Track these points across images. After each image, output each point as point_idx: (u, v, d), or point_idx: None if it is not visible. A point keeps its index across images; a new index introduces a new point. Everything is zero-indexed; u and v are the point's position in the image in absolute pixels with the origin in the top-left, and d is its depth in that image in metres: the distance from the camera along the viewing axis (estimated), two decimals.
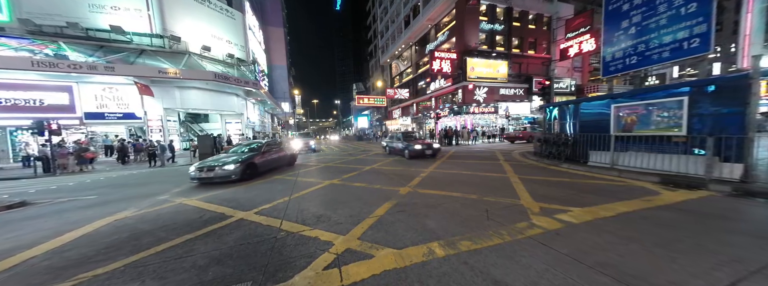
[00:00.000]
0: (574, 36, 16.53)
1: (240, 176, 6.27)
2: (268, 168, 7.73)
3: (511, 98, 23.18)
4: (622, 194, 4.09)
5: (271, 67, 35.14)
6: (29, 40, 13.69)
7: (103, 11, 15.32)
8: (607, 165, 6.04)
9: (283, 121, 41.39)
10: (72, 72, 13.14)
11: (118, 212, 4.22)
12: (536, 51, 24.37)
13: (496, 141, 19.32)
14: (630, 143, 5.81)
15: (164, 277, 2.17)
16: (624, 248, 2.34)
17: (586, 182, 5.08)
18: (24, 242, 3.11)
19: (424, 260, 2.26)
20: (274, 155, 8.21)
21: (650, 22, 7.31)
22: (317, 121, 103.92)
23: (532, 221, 3.06)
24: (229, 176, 6.12)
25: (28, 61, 12.44)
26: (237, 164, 6.32)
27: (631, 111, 5.75)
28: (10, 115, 13.25)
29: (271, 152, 8.03)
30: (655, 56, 7.33)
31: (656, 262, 2.10)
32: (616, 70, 8.50)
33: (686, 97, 4.81)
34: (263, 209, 4.09)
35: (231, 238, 2.96)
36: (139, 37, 16.03)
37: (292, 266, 2.26)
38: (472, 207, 3.71)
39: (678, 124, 4.95)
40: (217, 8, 20.41)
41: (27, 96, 13.59)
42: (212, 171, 6.08)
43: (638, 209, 3.39)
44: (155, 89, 15.22)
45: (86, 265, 2.45)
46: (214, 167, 6.13)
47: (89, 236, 3.24)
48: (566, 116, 7.98)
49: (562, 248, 2.38)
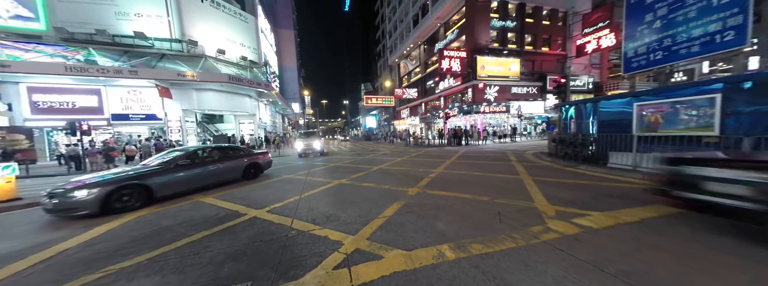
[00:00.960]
0: (592, 31, 15.76)
1: (99, 209, 4.00)
2: (191, 187, 5.37)
3: (523, 97, 22.47)
4: (646, 198, 3.86)
5: (282, 68, 35.98)
6: (63, 47, 14.77)
7: (128, 18, 16.25)
8: (629, 167, 5.71)
9: (294, 121, 42.27)
10: (100, 76, 14.05)
11: (141, 209, 4.45)
12: (551, 48, 23.48)
13: (507, 141, 18.79)
14: (654, 143, 5.47)
15: (184, 271, 2.27)
16: (651, 256, 2.20)
17: (605, 184, 4.83)
18: (59, 235, 3.35)
19: (434, 262, 2.23)
20: (210, 167, 5.82)
21: (678, 14, 6.85)
22: (326, 121, 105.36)
23: (547, 225, 2.94)
24: (79, 208, 3.91)
25: (62, 66, 13.42)
26: (99, 188, 4.06)
27: (655, 110, 5.41)
28: (47, 117, 14.36)
29: (199, 164, 5.68)
30: (682, 51, 6.86)
31: (689, 273, 1.95)
32: (638, 66, 8.03)
33: (719, 94, 4.47)
34: (275, 207, 4.19)
35: (245, 235, 3.05)
36: (159, 42, 16.89)
37: (303, 265, 2.29)
38: (483, 209, 3.62)
39: (709, 124, 4.60)
40: (232, 12, 21.14)
41: (61, 99, 14.67)
42: (57, 199, 3.92)
43: (665, 214, 3.18)
44: (174, 91, 15.98)
45: (113, 258, 2.61)
46: (58, 194, 3.95)
47: (116, 231, 3.45)
48: (584, 115, 7.63)
49: (581, 254, 2.27)
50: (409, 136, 22.19)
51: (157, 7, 16.85)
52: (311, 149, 13.61)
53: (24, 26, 14.37)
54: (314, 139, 14.50)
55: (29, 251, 2.86)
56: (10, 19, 14.13)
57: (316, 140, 14.44)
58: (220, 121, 23.40)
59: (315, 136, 15.87)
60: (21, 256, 2.74)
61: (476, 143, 18.26)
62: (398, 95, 31.74)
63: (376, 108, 47.80)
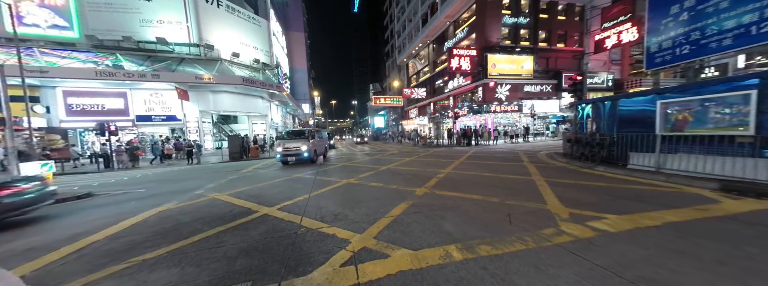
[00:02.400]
0: (611, 26, 15.00)
1: None
2: None
3: (537, 95, 21.73)
4: (670, 202, 3.63)
5: (293, 70, 36.81)
6: (94, 54, 15.89)
7: (151, 25, 17.23)
8: (652, 168, 5.39)
9: (304, 121, 43.13)
10: (126, 80, 15.01)
11: (162, 204, 4.72)
12: (566, 44, 22.55)
13: (520, 141, 18.25)
14: (680, 143, 5.13)
15: (200, 264, 2.38)
16: (674, 263, 2.07)
17: (625, 186, 4.59)
18: (90, 228, 3.61)
19: (441, 263, 2.21)
20: None
21: (708, 5, 6.38)
22: (335, 121, 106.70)
23: (560, 228, 2.84)
24: None
25: (93, 71, 14.44)
26: None
27: (682, 108, 5.07)
28: (79, 118, 15.50)
29: None
30: (713, 44, 6.38)
31: (716, 282, 1.82)
32: (663, 62, 7.55)
33: (755, 90, 4.12)
34: (285, 205, 4.30)
35: (256, 232, 3.16)
36: (179, 46, 17.78)
37: (311, 262, 2.34)
38: (493, 210, 3.54)
39: (744, 123, 4.26)
40: (245, 17, 21.90)
41: (92, 102, 15.79)
42: None
43: (691, 219, 2.98)
44: (192, 94, 16.77)
45: (137, 250, 2.78)
46: None
47: (139, 225, 3.67)
48: (602, 114, 7.27)
49: (597, 258, 2.17)
50: (418, 137, 22.03)
51: (177, 14, 17.74)
52: (307, 150, 9.52)
53: (60, 35, 15.60)
54: (301, 142, 9.74)
55: (62, 243, 3.10)
56: (48, 28, 15.37)
57: (303, 143, 9.68)
58: (234, 122, 24.30)
59: (306, 138, 10.15)
60: (55, 247, 2.98)
61: (487, 143, 17.87)
62: (406, 95, 31.63)
63: (384, 108, 47.87)
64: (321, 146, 11.69)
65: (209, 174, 8.83)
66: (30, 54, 14.31)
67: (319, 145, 11.37)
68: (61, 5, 15.43)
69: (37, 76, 13.36)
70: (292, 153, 9.56)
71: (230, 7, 20.39)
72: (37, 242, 3.19)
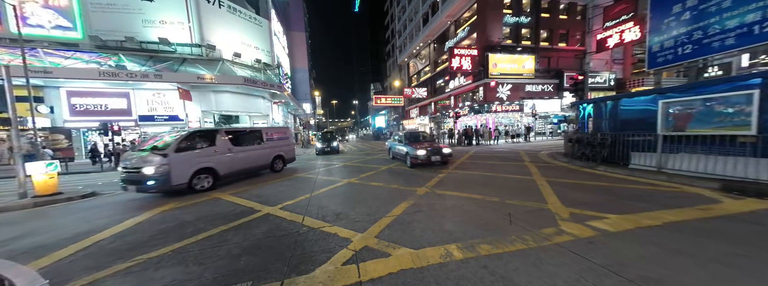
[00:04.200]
0: (614, 25, 14.92)
1: None
2: None
3: (538, 95, 21.66)
4: (670, 201, 3.64)
5: (294, 70, 36.89)
6: (97, 54, 16.00)
7: (153, 25, 17.32)
8: (653, 168, 5.39)
9: (305, 121, 43.21)
10: (129, 80, 15.10)
11: (165, 204, 4.77)
12: (568, 43, 22.46)
13: (521, 141, 18.21)
14: (681, 143, 5.12)
15: (203, 263, 2.42)
16: (673, 261, 2.09)
17: (626, 186, 4.59)
18: (96, 226, 3.67)
19: (442, 261, 2.24)
20: None
21: (710, 4, 6.35)
22: (336, 121, 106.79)
23: (560, 227, 2.85)
24: None
25: (96, 71, 14.54)
26: None
27: (684, 107, 5.06)
28: (82, 118, 15.62)
29: None
30: (715, 44, 6.35)
31: (715, 281, 1.84)
32: (665, 61, 7.52)
33: (757, 90, 4.11)
34: (287, 205, 4.34)
35: (259, 231, 3.19)
36: (181, 47, 17.87)
37: (314, 260, 2.38)
38: (493, 210, 3.56)
39: (746, 123, 4.25)
40: (247, 17, 21.97)
41: (95, 102, 15.91)
42: None
43: (692, 218, 2.99)
44: (194, 94, 16.84)
45: (142, 248, 2.82)
46: None
47: (144, 224, 3.72)
48: (603, 114, 7.27)
49: (596, 257, 2.19)
50: None
51: (179, 14, 17.82)
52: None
53: (63, 35, 15.71)
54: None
55: (69, 241, 3.15)
56: (52, 29, 15.49)
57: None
58: (236, 122, 24.35)
59: None
60: (62, 245, 3.03)
61: (488, 142, 17.84)
62: (407, 95, 31.60)
63: (385, 108, 47.88)
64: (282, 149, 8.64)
65: None
66: (34, 55, 14.44)
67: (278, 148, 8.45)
68: (65, 6, 15.55)
69: (41, 76, 13.47)
70: None
71: (232, 7, 20.46)
72: (45, 240, 3.25)
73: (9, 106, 6.01)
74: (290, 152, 8.79)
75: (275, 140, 8.09)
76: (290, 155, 8.76)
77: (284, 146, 8.50)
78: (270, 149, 7.81)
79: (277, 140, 8.16)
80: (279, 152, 8.12)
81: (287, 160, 8.54)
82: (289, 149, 8.68)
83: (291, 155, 8.75)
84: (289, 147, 8.79)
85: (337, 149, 15.69)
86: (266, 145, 7.67)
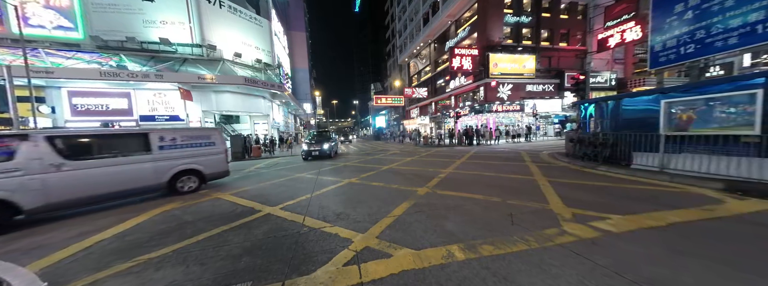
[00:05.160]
0: (615, 24, 14.89)
1: None
2: None
3: (539, 95, 21.62)
4: (674, 202, 3.61)
5: (294, 70, 36.91)
6: (98, 54, 16.04)
7: (154, 25, 17.35)
8: (656, 168, 5.36)
9: (305, 121, 43.24)
10: (130, 80, 15.14)
11: (166, 204, 4.77)
12: (569, 43, 22.41)
13: (521, 141, 18.18)
14: (684, 143, 5.09)
15: (204, 263, 2.41)
16: (677, 262, 2.07)
17: (628, 186, 4.57)
18: (97, 226, 3.66)
19: (443, 262, 2.23)
20: None
21: (713, 3, 6.32)
22: (336, 121, 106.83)
23: (562, 228, 2.83)
24: None
25: (97, 71, 14.58)
26: None
27: (686, 107, 5.03)
28: (84, 118, 15.65)
29: None
30: (718, 43, 6.32)
31: (719, 282, 1.82)
32: (667, 61, 7.49)
33: (760, 90, 4.09)
34: (288, 204, 4.33)
35: (260, 231, 3.18)
36: (182, 47, 17.90)
37: (315, 261, 2.36)
38: (495, 210, 3.54)
39: (749, 122, 4.22)
40: (247, 17, 21.99)
41: (97, 102, 15.95)
42: None
43: (695, 219, 2.97)
44: (194, 94, 16.87)
45: (142, 248, 2.82)
46: None
47: (144, 224, 3.71)
48: (605, 114, 7.24)
49: (600, 258, 2.18)
50: (419, 136, 22.02)
51: (180, 15, 17.85)
52: None
53: (65, 35, 15.75)
54: None
55: (70, 241, 3.15)
56: (54, 29, 15.53)
57: None
58: (236, 122, 24.41)
59: None
60: (63, 246, 3.02)
61: (488, 142, 17.81)
62: (408, 95, 31.60)
63: (385, 108, 47.88)
64: None
65: None
66: (36, 55, 14.49)
67: None
68: (66, 6, 15.59)
69: (42, 76, 13.51)
70: None
71: (232, 7, 20.48)
72: (46, 240, 3.25)
73: (10, 107, 6.02)
74: (216, 163, 6.11)
75: (181, 148, 5.58)
76: (216, 169, 6.11)
77: (203, 155, 5.90)
78: (168, 161, 5.33)
79: (186, 148, 5.66)
80: (189, 164, 5.62)
81: (209, 175, 5.96)
82: (212, 160, 6.04)
83: (218, 168, 6.15)
84: (214, 157, 6.09)
85: (329, 152, 11.92)
86: (158, 154, 5.20)
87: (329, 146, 12.07)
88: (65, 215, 4.33)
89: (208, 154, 6.03)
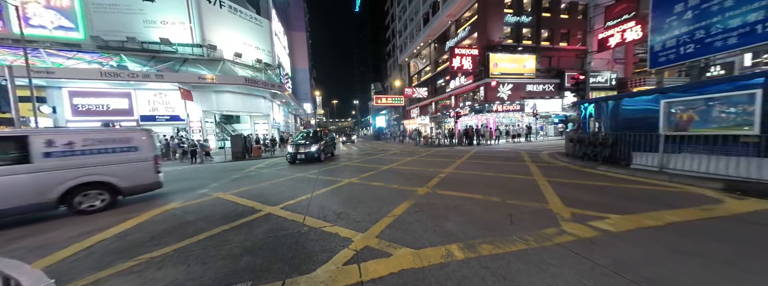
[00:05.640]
0: (615, 24, 14.89)
1: None
2: None
3: (539, 95, 21.62)
4: (673, 201, 3.62)
5: (295, 70, 36.94)
6: (99, 54, 16.08)
7: (155, 26, 17.39)
8: (655, 168, 5.37)
9: (305, 121, 43.26)
10: (131, 80, 15.17)
11: (167, 203, 4.78)
12: (569, 43, 22.41)
13: (521, 141, 18.18)
14: (684, 143, 5.10)
15: (205, 262, 2.43)
16: (676, 262, 2.08)
17: (627, 186, 4.58)
18: (99, 226, 3.68)
19: (443, 261, 2.24)
20: None
21: (712, 3, 6.32)
22: (337, 121, 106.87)
23: (561, 228, 2.85)
24: None
25: (98, 71, 14.62)
26: None
27: (686, 107, 5.04)
28: (85, 118, 15.69)
29: None
30: (718, 43, 6.32)
31: (718, 282, 1.83)
32: (667, 60, 7.50)
33: (760, 90, 4.09)
34: (288, 204, 4.35)
35: (260, 230, 3.20)
36: (182, 47, 17.93)
37: (315, 260, 2.38)
38: (494, 210, 3.56)
39: (748, 122, 4.23)
40: (247, 17, 22.03)
41: (97, 102, 15.99)
42: None
43: (694, 218, 2.98)
44: (195, 94, 16.89)
45: (144, 248, 2.83)
46: None
47: (145, 223, 3.73)
48: (604, 114, 7.24)
49: (598, 258, 2.19)
50: (419, 136, 22.03)
51: (180, 15, 17.89)
52: None
53: (66, 36, 15.80)
54: None
55: (72, 241, 3.17)
56: (54, 29, 15.57)
57: None
58: (236, 122, 24.47)
59: None
60: (65, 245, 3.04)
61: (488, 142, 17.82)
62: (408, 95, 31.61)
63: (385, 107, 47.89)
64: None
65: (213, 174, 8.92)
66: (37, 55, 14.52)
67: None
68: (67, 6, 15.62)
69: (43, 76, 13.55)
70: None
71: (232, 7, 20.51)
72: (48, 239, 3.27)
73: (12, 107, 6.04)
74: (138, 173, 4.79)
75: (83, 155, 4.29)
76: (138, 180, 4.80)
77: (118, 163, 4.58)
78: (58, 172, 4.06)
79: (89, 155, 4.35)
80: (94, 175, 4.35)
81: (127, 188, 4.66)
82: (132, 170, 4.71)
83: (141, 179, 4.83)
84: (135, 166, 4.76)
85: (318, 154, 10.39)
86: (43, 163, 3.96)
87: (318, 147, 10.56)
88: (65, 215, 4.35)
89: (125, 161, 4.63)
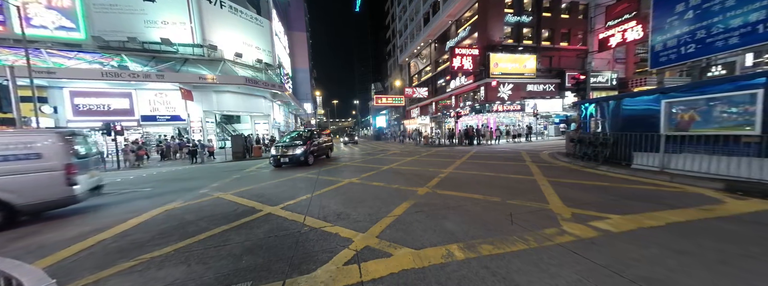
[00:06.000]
0: (616, 24, 14.85)
1: None
2: None
3: (539, 95, 21.60)
4: (673, 202, 3.62)
5: (295, 70, 36.95)
6: (100, 54, 16.11)
7: (156, 26, 17.41)
8: (656, 168, 5.36)
9: (306, 121, 43.28)
10: (132, 80, 15.20)
11: (168, 203, 4.80)
12: (570, 43, 22.37)
13: (522, 141, 18.17)
14: (684, 143, 5.09)
15: (206, 262, 2.44)
16: (676, 262, 2.08)
17: (628, 186, 4.57)
18: (99, 226, 3.69)
19: (443, 261, 2.24)
20: None
21: (713, 3, 6.31)
22: (337, 121, 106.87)
23: (562, 228, 2.85)
24: None
25: (99, 72, 14.65)
26: None
27: (687, 107, 5.03)
28: (86, 118, 15.73)
29: None
30: (719, 43, 6.31)
31: (719, 282, 1.83)
32: (668, 60, 7.48)
33: (761, 90, 4.08)
34: (288, 204, 4.35)
35: (261, 230, 3.21)
36: (183, 47, 17.96)
37: (315, 260, 2.38)
38: (495, 210, 3.56)
39: (750, 122, 4.22)
40: (248, 17, 22.04)
41: (98, 102, 16.03)
42: None
43: (695, 219, 2.97)
44: (195, 94, 16.92)
45: (145, 248, 2.84)
46: None
47: (146, 223, 3.74)
48: (605, 114, 7.23)
49: (598, 258, 2.19)
50: (419, 136, 22.03)
51: (181, 15, 17.91)
52: None
53: (67, 36, 15.83)
54: None
55: (73, 241, 3.18)
56: (56, 30, 15.60)
57: None
58: (237, 122, 24.49)
59: None
60: (65, 245, 3.05)
61: (489, 142, 17.81)
62: (408, 94, 31.60)
63: (386, 107, 47.86)
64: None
65: (213, 173, 8.94)
66: (38, 55, 14.56)
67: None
68: (68, 7, 15.66)
69: (45, 76, 13.58)
70: None
71: (233, 7, 20.52)
72: (49, 239, 3.28)
73: (13, 106, 6.07)
74: (39, 186, 3.95)
75: None
76: (41, 195, 3.95)
77: (12, 174, 3.78)
78: None
79: None
80: None
81: (25, 205, 3.83)
82: (31, 181, 3.89)
83: (44, 193, 3.97)
84: (34, 177, 3.92)
85: (305, 157, 9.19)
86: None
87: (304, 150, 9.23)
88: (65, 215, 4.36)
89: (22, 172, 3.80)
